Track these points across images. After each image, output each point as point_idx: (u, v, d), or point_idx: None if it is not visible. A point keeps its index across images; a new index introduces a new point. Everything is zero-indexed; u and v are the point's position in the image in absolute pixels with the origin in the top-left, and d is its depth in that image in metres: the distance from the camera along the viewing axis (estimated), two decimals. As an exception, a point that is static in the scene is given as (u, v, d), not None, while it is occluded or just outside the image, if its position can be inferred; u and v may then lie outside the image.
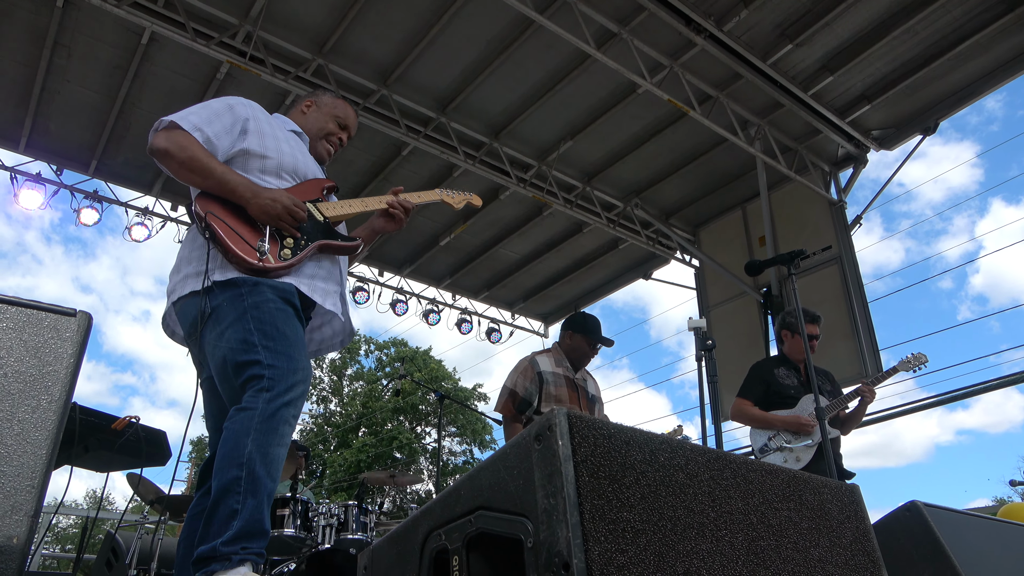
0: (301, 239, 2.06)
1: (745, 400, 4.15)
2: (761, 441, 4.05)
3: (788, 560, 1.37)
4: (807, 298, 6.67)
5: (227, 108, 2.17)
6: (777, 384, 4.10)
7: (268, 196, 2.01)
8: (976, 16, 5.78)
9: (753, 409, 4.10)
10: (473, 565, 1.31)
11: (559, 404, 3.77)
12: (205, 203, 1.99)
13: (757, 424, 4.11)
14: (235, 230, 1.96)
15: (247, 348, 1.86)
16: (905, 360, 4.04)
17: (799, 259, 3.49)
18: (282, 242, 2.02)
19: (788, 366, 4.20)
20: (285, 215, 2.02)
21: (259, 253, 1.93)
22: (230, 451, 1.74)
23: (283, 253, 2.00)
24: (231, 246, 1.92)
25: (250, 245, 1.94)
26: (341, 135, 2.50)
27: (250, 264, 1.93)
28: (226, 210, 2.00)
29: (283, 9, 5.80)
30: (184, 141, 2.01)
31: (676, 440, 1.37)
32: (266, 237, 1.98)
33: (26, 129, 6.74)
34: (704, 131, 6.78)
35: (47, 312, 1.47)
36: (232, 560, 1.67)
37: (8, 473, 1.30)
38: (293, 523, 3.93)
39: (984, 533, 2.43)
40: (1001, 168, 53.25)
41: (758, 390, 4.14)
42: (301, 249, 2.04)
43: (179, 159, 1.99)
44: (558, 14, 5.50)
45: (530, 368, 3.85)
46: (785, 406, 4.03)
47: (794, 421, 3.94)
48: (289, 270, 2.02)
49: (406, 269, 9.44)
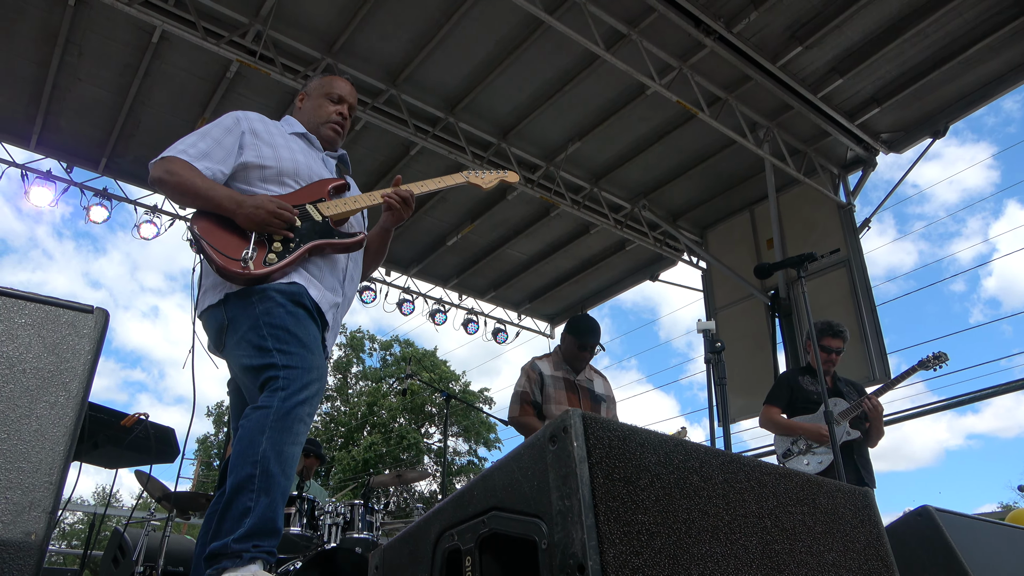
0: (291, 242, 2.06)
1: (772, 407, 4.35)
2: (785, 446, 4.24)
3: (802, 564, 1.37)
4: (816, 301, 6.64)
5: (225, 131, 2.21)
6: (801, 391, 4.29)
7: (251, 204, 2.03)
8: (988, 19, 5.75)
9: (779, 416, 4.30)
10: (486, 566, 1.30)
11: (559, 406, 3.86)
12: (195, 220, 2.05)
13: (782, 431, 4.30)
14: (222, 241, 1.99)
15: (262, 353, 1.90)
16: (924, 360, 4.09)
17: (808, 262, 3.49)
18: (270, 247, 2.03)
19: (813, 375, 4.37)
20: (270, 219, 2.02)
21: (242, 262, 1.95)
22: (245, 449, 1.76)
23: (268, 258, 2.01)
24: (214, 258, 1.96)
25: (232, 255, 1.96)
26: (339, 109, 2.48)
27: (232, 272, 1.95)
28: (216, 225, 2.03)
29: (293, 8, 5.81)
30: (174, 167, 2.07)
31: (690, 442, 1.37)
32: (250, 245, 1.99)
33: (37, 126, 6.77)
34: (713, 133, 6.77)
35: (65, 308, 1.48)
36: (243, 557, 1.68)
37: (26, 469, 1.30)
38: (299, 521, 3.93)
39: (996, 538, 2.42)
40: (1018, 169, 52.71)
41: (784, 397, 4.33)
42: (291, 252, 2.04)
43: (170, 184, 2.06)
44: (567, 15, 5.50)
45: (532, 371, 4.00)
46: (808, 411, 4.22)
47: (815, 430, 4.09)
48: (286, 272, 2.02)
49: (413, 269, 9.45)
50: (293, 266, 2.05)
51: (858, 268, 7.13)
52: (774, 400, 4.35)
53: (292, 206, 2.10)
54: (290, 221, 2.06)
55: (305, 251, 2.08)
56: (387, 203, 2.34)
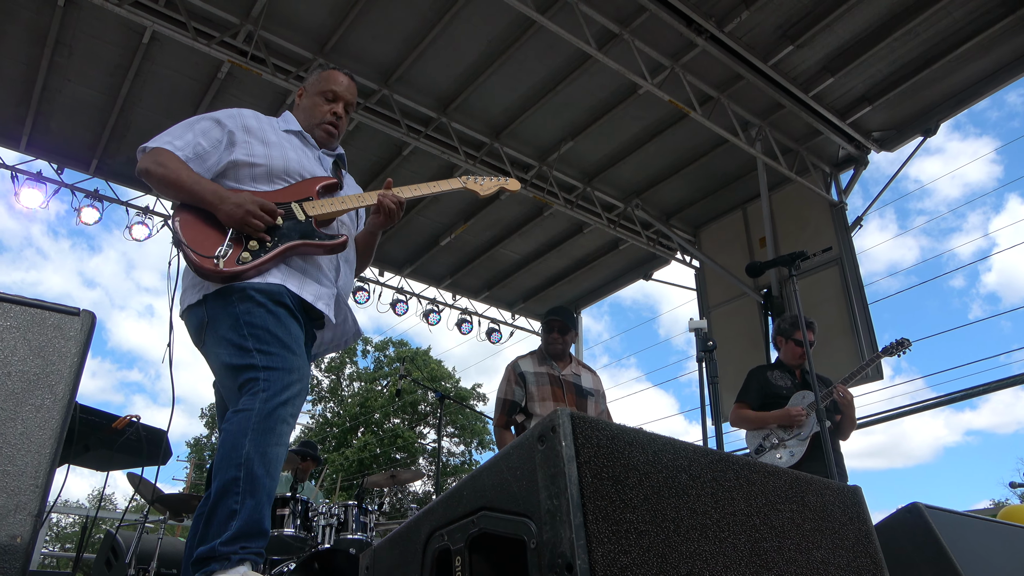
0: (268, 241, 2.02)
1: (742, 404, 4.24)
2: (756, 442, 4.12)
3: (791, 562, 1.37)
4: (807, 299, 6.68)
5: (214, 124, 2.19)
6: (770, 386, 4.18)
7: (232, 201, 2.00)
8: (977, 18, 5.78)
9: (747, 411, 4.18)
10: (476, 565, 1.30)
11: (543, 402, 3.88)
12: (178, 213, 2.02)
13: (752, 425, 4.18)
14: (199, 237, 1.97)
15: (242, 353, 1.88)
16: (887, 347, 4.07)
17: (800, 260, 3.50)
18: (245, 245, 1.99)
19: (783, 370, 4.28)
20: (248, 219, 1.99)
21: (215, 259, 1.93)
22: (228, 452, 1.75)
23: (242, 256, 1.97)
24: (189, 253, 1.93)
25: (205, 252, 1.93)
26: (334, 108, 2.41)
27: (204, 269, 1.92)
28: (197, 219, 2.01)
29: (284, 9, 5.80)
30: (162, 158, 2.05)
31: (679, 441, 1.37)
32: (225, 241, 1.97)
33: (27, 128, 6.74)
34: (705, 132, 6.78)
35: (51, 311, 1.47)
36: (231, 560, 1.67)
37: (11, 472, 1.30)
38: (293, 523, 3.93)
39: (985, 535, 2.43)
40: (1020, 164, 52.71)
41: (754, 394, 4.22)
42: (267, 251, 2.01)
43: (156, 175, 2.03)
44: (559, 14, 5.51)
45: (512, 373, 4.02)
46: (778, 407, 4.11)
47: (783, 414, 4.02)
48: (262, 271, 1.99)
49: (406, 269, 9.44)
50: (269, 264, 2.01)
51: (850, 266, 7.16)
52: (744, 397, 4.25)
53: (277, 204, 2.07)
54: (269, 223, 2.02)
55: (282, 251, 2.04)
56: (380, 204, 2.29)
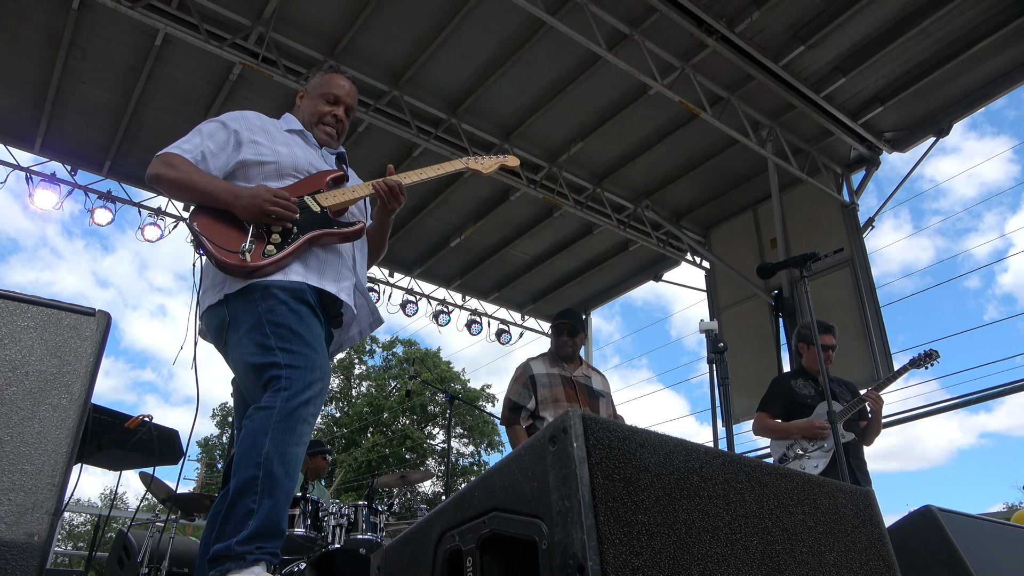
0: (290, 234, 2.04)
1: (764, 413, 4.24)
2: (780, 452, 4.11)
3: (803, 564, 1.36)
4: (819, 301, 6.65)
5: (220, 126, 2.21)
6: (795, 395, 4.17)
7: (248, 195, 2.01)
8: (990, 18, 5.73)
9: (771, 421, 4.18)
10: (487, 566, 1.31)
11: (556, 404, 3.89)
12: (194, 216, 2.02)
13: (776, 435, 4.19)
14: (221, 236, 1.97)
15: (265, 351, 1.88)
16: (916, 358, 4.04)
17: (811, 262, 3.47)
18: (268, 239, 2.00)
19: (806, 378, 4.26)
20: (268, 207, 2.00)
21: (240, 254, 1.93)
22: (248, 450, 1.75)
23: (267, 250, 1.98)
24: (213, 252, 1.94)
25: (230, 248, 1.93)
26: (334, 111, 2.41)
27: (231, 265, 1.93)
28: (215, 219, 2.01)
29: (295, 11, 5.83)
30: (174, 161, 2.06)
31: (690, 443, 1.37)
32: (248, 237, 1.97)
33: (41, 130, 6.80)
34: (715, 133, 6.76)
35: (67, 312, 1.49)
36: (246, 560, 1.67)
37: (29, 471, 1.31)
38: (303, 523, 3.94)
39: (999, 538, 2.41)
40: (1038, 163, 52.07)
41: (778, 403, 4.21)
42: (289, 244, 2.02)
43: (169, 178, 2.04)
44: (569, 15, 5.50)
45: (523, 374, 4.04)
46: (803, 415, 4.10)
47: (807, 426, 4.00)
48: (285, 265, 2.00)
49: (416, 270, 9.45)
50: (292, 258, 2.02)
51: (862, 267, 7.11)
52: (767, 406, 4.24)
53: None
54: (289, 208, 2.03)
55: (305, 242, 2.05)
56: (376, 190, 2.31)
